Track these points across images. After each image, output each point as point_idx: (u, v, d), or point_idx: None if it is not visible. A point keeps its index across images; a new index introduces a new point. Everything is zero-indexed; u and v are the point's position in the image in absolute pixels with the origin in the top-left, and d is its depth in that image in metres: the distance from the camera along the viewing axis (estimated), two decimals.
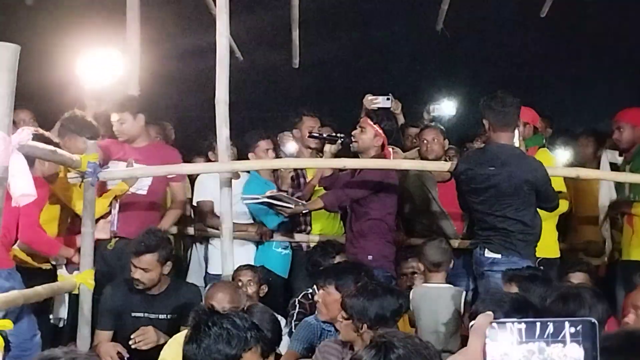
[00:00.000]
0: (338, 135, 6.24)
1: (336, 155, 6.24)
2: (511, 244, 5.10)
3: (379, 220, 5.93)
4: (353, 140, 6.01)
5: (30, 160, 3.90)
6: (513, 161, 5.20)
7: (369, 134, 5.96)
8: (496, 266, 5.04)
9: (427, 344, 2.65)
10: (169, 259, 5.10)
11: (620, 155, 6.41)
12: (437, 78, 8.77)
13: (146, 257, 5.00)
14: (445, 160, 6.65)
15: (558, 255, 6.13)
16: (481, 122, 5.34)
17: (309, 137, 6.71)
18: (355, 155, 6.02)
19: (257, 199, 5.99)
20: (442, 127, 6.86)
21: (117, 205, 5.47)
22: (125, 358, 4.90)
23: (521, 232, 5.14)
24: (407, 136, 7.48)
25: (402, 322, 5.31)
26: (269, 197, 5.98)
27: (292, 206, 5.87)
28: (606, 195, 6.35)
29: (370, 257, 5.70)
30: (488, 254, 5.12)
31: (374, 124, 5.95)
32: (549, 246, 5.90)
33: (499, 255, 5.09)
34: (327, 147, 6.20)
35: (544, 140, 6.30)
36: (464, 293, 5.15)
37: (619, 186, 6.18)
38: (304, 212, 6.21)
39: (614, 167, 6.49)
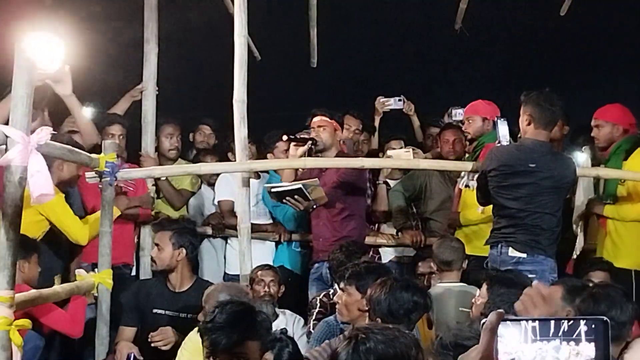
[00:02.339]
0: (306, 137, 6.11)
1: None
2: (538, 242, 5.05)
3: (357, 217, 6.01)
4: (317, 141, 5.98)
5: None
6: (554, 159, 5.19)
7: (329, 130, 5.97)
8: (521, 265, 4.98)
9: (404, 334, 2.65)
10: (183, 247, 5.16)
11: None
12: (455, 77, 8.74)
13: (160, 233, 5.22)
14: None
15: None
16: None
17: (287, 140, 6.58)
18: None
19: (282, 186, 5.90)
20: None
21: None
22: None
23: (552, 229, 5.11)
24: (428, 135, 7.44)
25: (420, 323, 5.30)
26: (297, 184, 5.81)
27: (310, 199, 5.81)
28: (582, 194, 6.19)
29: None
30: (512, 252, 5.05)
31: (330, 119, 5.97)
32: None
33: (524, 255, 5.02)
34: (292, 150, 6.00)
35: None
36: (478, 292, 5.04)
37: (596, 186, 6.09)
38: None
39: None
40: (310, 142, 5.95)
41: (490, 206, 5.72)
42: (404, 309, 3.84)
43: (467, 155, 6.26)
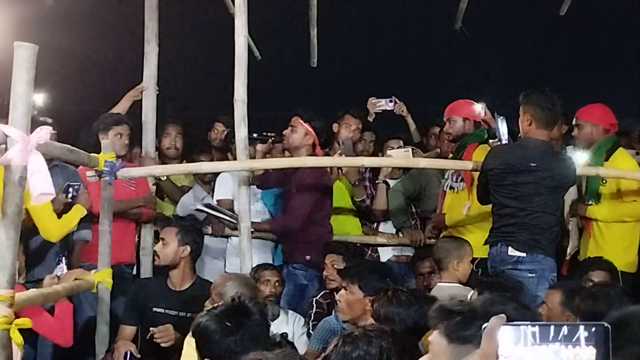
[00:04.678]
0: (268, 134, 6.20)
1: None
2: (536, 242, 5.03)
3: (318, 224, 6.03)
4: (283, 139, 6.04)
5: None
6: (555, 158, 5.20)
7: (299, 132, 6.00)
8: (521, 265, 4.98)
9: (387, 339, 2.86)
10: (188, 245, 5.15)
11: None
12: (455, 77, 8.74)
13: (167, 228, 5.23)
14: None
15: None
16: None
17: (251, 138, 6.70)
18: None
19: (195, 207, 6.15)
20: None
21: (64, 259, 5.09)
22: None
23: (551, 228, 5.12)
24: (431, 134, 7.42)
25: None
26: (205, 206, 6.12)
27: (234, 221, 5.92)
28: (574, 194, 6.20)
29: (308, 257, 5.85)
30: (512, 252, 5.03)
31: (305, 122, 5.97)
32: None
33: (523, 254, 5.00)
34: (259, 147, 6.27)
35: (486, 136, 6.24)
36: (471, 292, 4.75)
37: (579, 187, 6.08)
38: None
39: None
40: (270, 139, 6.12)
41: (475, 208, 5.78)
42: (427, 320, 3.80)
43: (450, 156, 6.24)
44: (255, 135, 6.21)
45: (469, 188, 5.93)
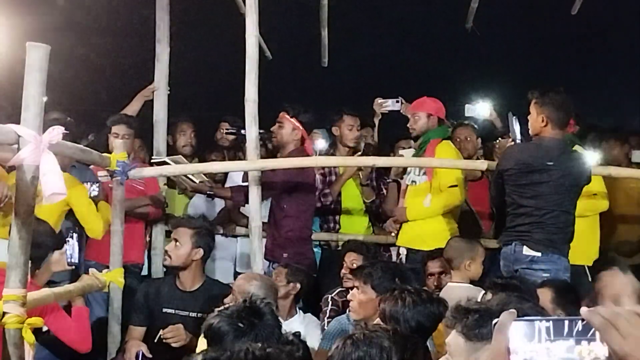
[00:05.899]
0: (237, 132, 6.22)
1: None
2: (552, 241, 5.03)
3: (294, 218, 5.97)
4: (272, 135, 6.08)
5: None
6: (571, 157, 5.20)
7: (286, 128, 6.01)
8: (535, 264, 4.98)
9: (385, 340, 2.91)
10: (202, 248, 5.11)
11: None
12: (466, 77, 8.73)
13: (181, 229, 5.13)
14: (477, 159, 6.60)
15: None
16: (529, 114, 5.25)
17: (227, 133, 6.89)
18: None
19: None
20: (475, 125, 6.82)
21: (75, 235, 4.83)
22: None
23: (567, 227, 5.11)
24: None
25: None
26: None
27: (197, 181, 6.00)
28: None
29: (285, 255, 5.78)
30: (527, 251, 5.03)
31: (291, 117, 5.98)
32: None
33: (539, 253, 5.00)
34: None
35: (449, 132, 6.28)
36: (482, 292, 4.50)
37: None
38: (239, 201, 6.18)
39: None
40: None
41: (436, 201, 5.93)
42: (432, 321, 3.80)
43: (413, 152, 6.29)
44: (243, 131, 6.19)
45: (430, 180, 6.01)
